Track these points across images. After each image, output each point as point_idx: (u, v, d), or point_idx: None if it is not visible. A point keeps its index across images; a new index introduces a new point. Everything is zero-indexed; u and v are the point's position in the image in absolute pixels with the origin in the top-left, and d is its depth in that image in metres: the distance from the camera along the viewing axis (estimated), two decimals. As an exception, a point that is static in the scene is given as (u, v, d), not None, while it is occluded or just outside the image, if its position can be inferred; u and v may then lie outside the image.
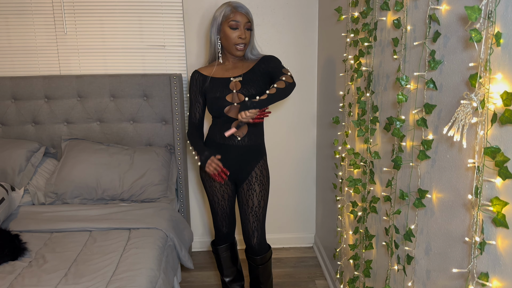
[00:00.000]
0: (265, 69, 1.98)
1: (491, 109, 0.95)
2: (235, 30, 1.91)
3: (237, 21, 1.90)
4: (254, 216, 2.05)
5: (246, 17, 1.91)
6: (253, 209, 2.05)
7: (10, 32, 2.73)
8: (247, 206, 2.05)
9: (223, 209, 2.13)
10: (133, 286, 1.67)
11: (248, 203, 2.05)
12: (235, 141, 1.97)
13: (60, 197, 2.47)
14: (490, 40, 0.94)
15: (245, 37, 1.92)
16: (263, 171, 2.05)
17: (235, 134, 1.95)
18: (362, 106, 1.84)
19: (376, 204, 1.78)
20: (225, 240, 2.22)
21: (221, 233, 2.20)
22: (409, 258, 1.43)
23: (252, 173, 2.03)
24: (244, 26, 1.92)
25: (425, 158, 1.30)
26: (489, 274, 1.00)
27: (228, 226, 2.19)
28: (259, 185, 2.03)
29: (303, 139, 3.02)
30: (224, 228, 2.18)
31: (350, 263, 2.16)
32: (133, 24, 2.76)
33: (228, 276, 2.28)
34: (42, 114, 2.71)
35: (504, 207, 0.92)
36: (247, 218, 2.06)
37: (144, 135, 2.76)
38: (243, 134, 1.97)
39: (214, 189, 2.08)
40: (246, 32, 1.92)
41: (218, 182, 2.04)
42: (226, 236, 2.21)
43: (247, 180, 2.04)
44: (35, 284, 1.69)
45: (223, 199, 2.10)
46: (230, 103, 1.94)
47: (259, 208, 2.05)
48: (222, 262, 2.25)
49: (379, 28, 1.68)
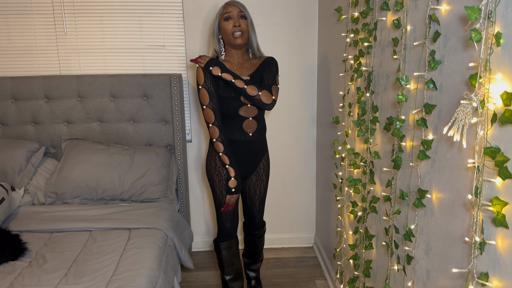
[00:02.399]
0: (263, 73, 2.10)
1: (491, 109, 0.95)
2: (230, 20, 2.00)
3: (229, 12, 2.00)
4: (260, 201, 2.31)
5: (237, 7, 2.00)
6: (259, 196, 2.29)
7: (10, 32, 2.73)
8: (255, 194, 2.28)
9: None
10: (133, 286, 1.67)
11: (256, 191, 2.27)
12: (246, 137, 2.10)
13: (60, 197, 2.47)
14: (490, 40, 0.94)
15: (239, 25, 1.99)
16: (268, 161, 2.27)
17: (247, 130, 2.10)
18: (362, 106, 1.84)
19: (376, 204, 1.78)
20: (228, 236, 2.25)
21: (225, 230, 2.23)
22: (409, 258, 1.43)
23: (260, 165, 2.23)
24: (238, 16, 2.00)
25: (425, 158, 1.30)
26: (489, 274, 1.00)
27: (233, 221, 2.23)
28: (265, 174, 2.26)
29: (303, 139, 3.02)
30: (228, 223, 2.22)
31: (350, 263, 2.16)
32: (133, 24, 2.76)
33: (228, 274, 2.30)
34: (42, 114, 2.71)
35: (504, 207, 0.92)
36: (253, 203, 2.30)
37: (144, 135, 2.76)
38: (253, 130, 2.11)
39: (224, 182, 2.13)
40: (240, 21, 2.00)
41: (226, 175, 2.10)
42: (229, 233, 2.25)
43: (255, 171, 2.22)
44: (35, 284, 1.69)
45: None
46: (244, 103, 2.05)
47: (264, 194, 2.31)
48: (224, 260, 2.27)
49: (379, 28, 1.68)
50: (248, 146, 2.13)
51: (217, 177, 2.14)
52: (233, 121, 2.08)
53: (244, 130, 2.09)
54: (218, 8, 2.76)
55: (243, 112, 2.07)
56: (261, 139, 2.17)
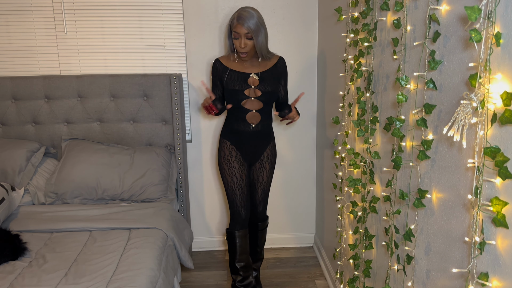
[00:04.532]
0: (280, 77, 2.28)
1: (491, 109, 0.95)
2: (237, 39, 2.11)
3: (237, 32, 2.08)
4: (262, 189, 2.40)
5: (244, 29, 2.06)
6: (262, 184, 2.38)
7: (10, 32, 2.73)
8: (257, 181, 2.38)
9: (241, 188, 2.29)
10: (133, 286, 1.67)
11: (259, 178, 2.37)
12: (249, 128, 2.24)
13: (60, 197, 2.47)
14: (490, 40, 0.94)
15: (244, 47, 2.10)
16: (273, 151, 2.38)
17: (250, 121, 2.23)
18: (362, 106, 1.84)
19: (376, 204, 1.78)
20: (242, 224, 2.32)
21: (239, 217, 2.31)
22: (409, 258, 1.43)
23: (264, 154, 2.34)
24: (244, 37, 2.08)
25: (425, 158, 1.30)
26: (489, 274, 1.00)
27: (246, 208, 2.31)
28: (269, 163, 2.37)
29: (303, 139, 3.02)
30: (243, 210, 2.30)
31: (350, 263, 2.16)
32: (133, 24, 2.76)
33: (241, 261, 2.35)
34: (42, 114, 2.71)
35: (504, 207, 0.92)
36: (255, 191, 2.40)
37: (144, 135, 2.76)
38: (256, 122, 2.23)
39: (234, 169, 2.27)
40: (246, 42, 2.09)
41: (237, 163, 2.28)
42: (243, 221, 2.32)
43: (259, 159, 2.34)
44: (35, 284, 1.69)
45: (241, 179, 2.29)
46: (247, 96, 2.19)
47: (267, 183, 2.40)
48: (238, 247, 2.32)
49: (379, 28, 1.68)
50: (252, 136, 2.26)
51: (227, 165, 2.28)
52: (237, 113, 2.22)
53: (248, 121, 2.22)
54: (218, 8, 2.77)
55: (248, 105, 2.20)
56: (265, 130, 2.28)
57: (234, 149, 2.28)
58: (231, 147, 2.28)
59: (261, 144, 2.31)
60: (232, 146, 2.28)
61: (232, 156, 2.28)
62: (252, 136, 2.26)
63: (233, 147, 2.28)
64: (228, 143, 2.29)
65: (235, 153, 2.28)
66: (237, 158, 2.28)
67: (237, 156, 2.28)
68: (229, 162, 2.29)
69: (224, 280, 2.73)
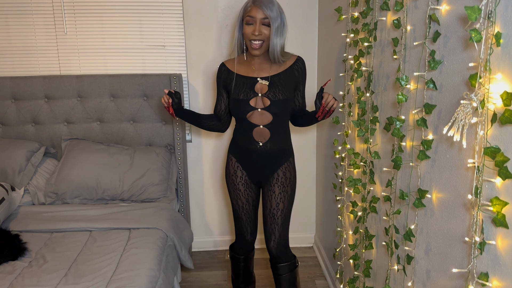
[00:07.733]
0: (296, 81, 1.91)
1: (491, 109, 0.95)
2: (250, 25, 1.76)
3: (251, 17, 1.75)
4: (272, 218, 1.94)
5: (261, 12, 1.73)
6: (270, 211, 1.95)
7: (10, 32, 2.73)
8: (265, 208, 1.97)
9: (247, 213, 2.02)
10: (133, 286, 1.67)
11: (267, 204, 1.96)
12: (257, 146, 1.89)
13: (60, 197, 2.47)
14: (490, 40, 0.94)
15: (259, 33, 1.74)
16: (287, 173, 1.94)
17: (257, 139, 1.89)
18: (362, 106, 1.84)
19: (376, 204, 1.78)
20: (246, 248, 2.10)
21: (243, 241, 2.07)
22: (409, 258, 1.43)
23: (274, 175, 1.94)
24: (260, 22, 1.74)
25: (425, 158, 1.30)
26: (489, 274, 1.00)
27: (253, 234, 2.06)
28: (279, 186, 1.93)
29: (303, 139, 3.02)
30: (248, 235, 2.05)
31: (350, 263, 2.16)
32: (133, 24, 2.76)
33: (244, 282, 2.21)
34: (42, 114, 2.71)
35: (504, 207, 0.92)
36: (265, 220, 1.97)
37: (144, 135, 2.76)
38: (265, 140, 1.88)
39: (238, 192, 1.99)
40: (262, 28, 1.75)
41: (242, 185, 1.98)
42: (249, 244, 2.08)
43: (267, 182, 1.96)
44: (35, 284, 1.69)
45: (247, 202, 2.00)
46: (253, 108, 1.84)
47: (277, 211, 1.93)
48: (240, 271, 2.17)
49: (379, 28, 1.68)
50: (260, 155, 1.91)
51: (231, 186, 2.00)
52: (242, 128, 1.90)
53: (254, 139, 1.88)
54: (218, 8, 2.76)
55: (254, 118, 1.85)
56: (277, 149, 1.91)
57: (240, 168, 1.97)
58: (237, 165, 1.97)
59: (270, 164, 1.92)
60: (238, 164, 1.97)
61: (237, 176, 1.97)
62: (260, 155, 1.90)
63: (238, 165, 1.97)
64: (233, 160, 1.98)
65: (240, 173, 1.97)
66: (242, 179, 1.97)
67: (243, 177, 1.97)
68: (233, 183, 1.99)
69: (224, 280, 2.73)
